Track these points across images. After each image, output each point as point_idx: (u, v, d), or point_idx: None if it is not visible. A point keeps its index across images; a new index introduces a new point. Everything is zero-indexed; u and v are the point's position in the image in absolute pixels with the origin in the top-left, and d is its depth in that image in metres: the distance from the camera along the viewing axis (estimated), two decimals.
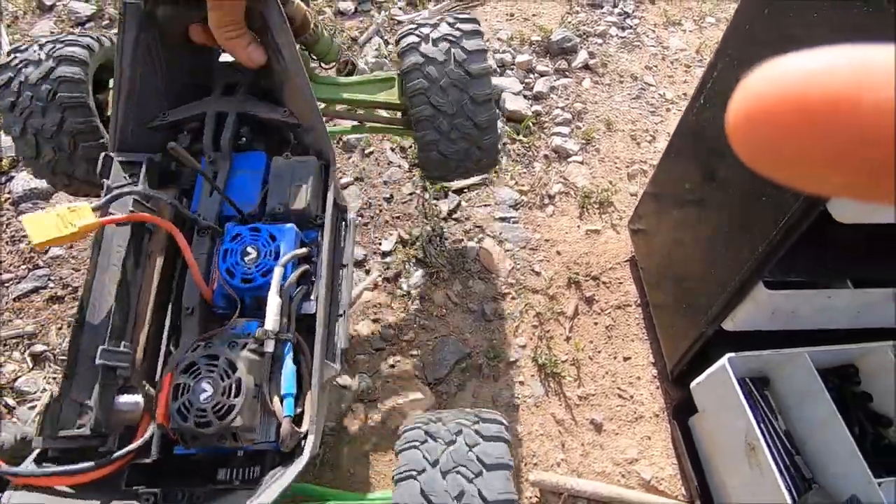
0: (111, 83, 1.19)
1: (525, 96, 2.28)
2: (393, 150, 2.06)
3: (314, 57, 1.36)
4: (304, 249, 0.89)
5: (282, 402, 0.78)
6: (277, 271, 0.83)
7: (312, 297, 0.88)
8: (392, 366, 1.58)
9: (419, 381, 1.56)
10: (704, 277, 1.28)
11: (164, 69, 0.99)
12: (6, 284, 1.66)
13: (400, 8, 2.69)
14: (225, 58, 1.08)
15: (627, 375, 1.57)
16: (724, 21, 2.79)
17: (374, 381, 1.54)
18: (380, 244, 1.81)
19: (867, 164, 0.16)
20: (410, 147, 2.06)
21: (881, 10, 0.79)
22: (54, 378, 1.51)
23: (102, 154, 0.92)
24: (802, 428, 1.21)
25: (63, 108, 1.17)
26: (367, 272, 1.76)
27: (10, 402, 1.47)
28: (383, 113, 1.44)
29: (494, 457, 0.82)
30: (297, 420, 0.78)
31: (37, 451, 0.75)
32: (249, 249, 0.85)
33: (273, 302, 0.81)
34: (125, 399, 0.78)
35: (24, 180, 1.88)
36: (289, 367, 0.80)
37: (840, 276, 1.17)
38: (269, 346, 0.79)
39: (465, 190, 1.97)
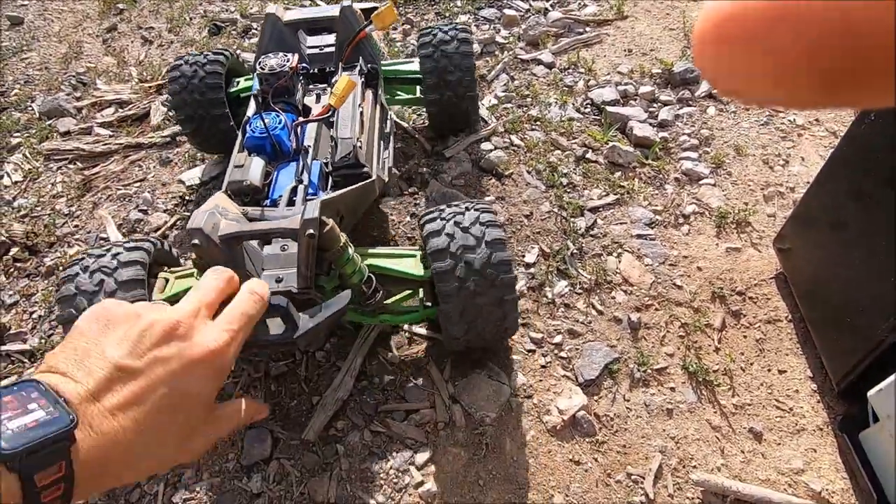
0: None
1: (651, 124, 2.39)
2: (529, 172, 2.23)
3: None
4: None
5: None
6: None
7: None
8: (544, 366, 1.68)
9: (570, 381, 1.65)
10: (877, 291, 1.30)
11: None
12: None
13: (522, 48, 2.93)
14: None
15: (784, 388, 1.57)
16: None
17: (528, 379, 1.65)
18: (523, 256, 1.96)
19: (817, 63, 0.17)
20: (545, 169, 2.22)
21: None
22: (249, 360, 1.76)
23: None
24: None
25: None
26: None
27: None
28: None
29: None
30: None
31: None
32: None
33: None
34: None
35: None
36: None
37: None
38: None
39: (601, 209, 2.09)
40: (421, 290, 1.48)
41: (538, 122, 2.45)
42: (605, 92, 2.53)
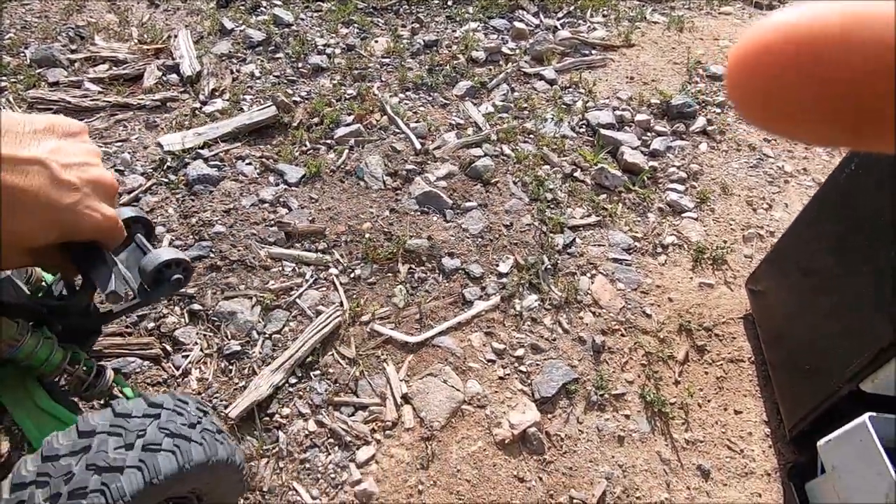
0: None
1: (642, 151, 2.40)
2: (515, 183, 2.21)
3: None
4: None
5: None
6: None
7: None
8: (502, 378, 1.65)
9: (526, 396, 1.62)
10: (840, 340, 1.29)
11: None
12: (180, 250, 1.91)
13: (526, 62, 2.93)
14: None
15: (738, 429, 1.56)
16: None
17: (484, 389, 1.62)
18: (497, 265, 1.93)
19: (860, 101, 0.14)
20: (532, 182, 2.20)
21: None
22: (205, 334, 1.71)
23: None
24: None
25: None
26: (483, 289, 1.88)
27: (168, 347, 1.67)
28: None
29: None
30: None
31: None
32: None
33: None
34: None
35: (197, 167, 2.19)
36: None
37: None
38: None
39: (581, 228, 2.08)
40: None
41: (531, 136, 2.44)
42: (602, 115, 2.53)
